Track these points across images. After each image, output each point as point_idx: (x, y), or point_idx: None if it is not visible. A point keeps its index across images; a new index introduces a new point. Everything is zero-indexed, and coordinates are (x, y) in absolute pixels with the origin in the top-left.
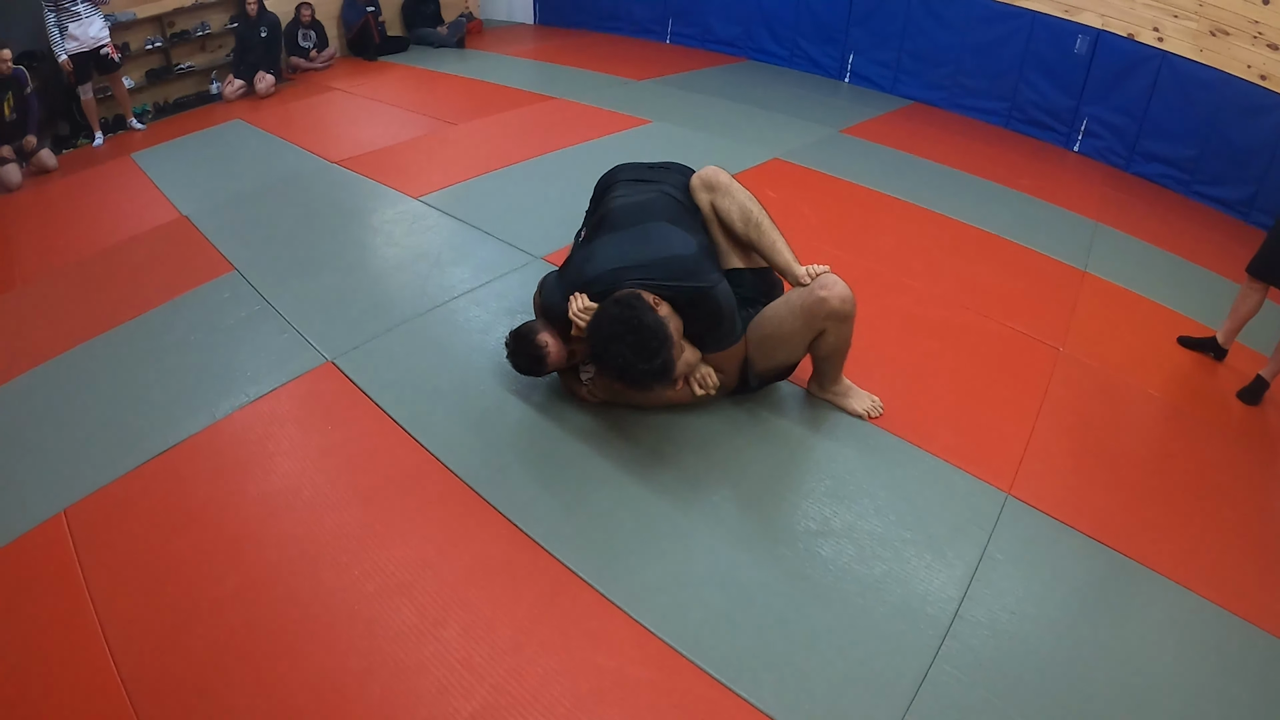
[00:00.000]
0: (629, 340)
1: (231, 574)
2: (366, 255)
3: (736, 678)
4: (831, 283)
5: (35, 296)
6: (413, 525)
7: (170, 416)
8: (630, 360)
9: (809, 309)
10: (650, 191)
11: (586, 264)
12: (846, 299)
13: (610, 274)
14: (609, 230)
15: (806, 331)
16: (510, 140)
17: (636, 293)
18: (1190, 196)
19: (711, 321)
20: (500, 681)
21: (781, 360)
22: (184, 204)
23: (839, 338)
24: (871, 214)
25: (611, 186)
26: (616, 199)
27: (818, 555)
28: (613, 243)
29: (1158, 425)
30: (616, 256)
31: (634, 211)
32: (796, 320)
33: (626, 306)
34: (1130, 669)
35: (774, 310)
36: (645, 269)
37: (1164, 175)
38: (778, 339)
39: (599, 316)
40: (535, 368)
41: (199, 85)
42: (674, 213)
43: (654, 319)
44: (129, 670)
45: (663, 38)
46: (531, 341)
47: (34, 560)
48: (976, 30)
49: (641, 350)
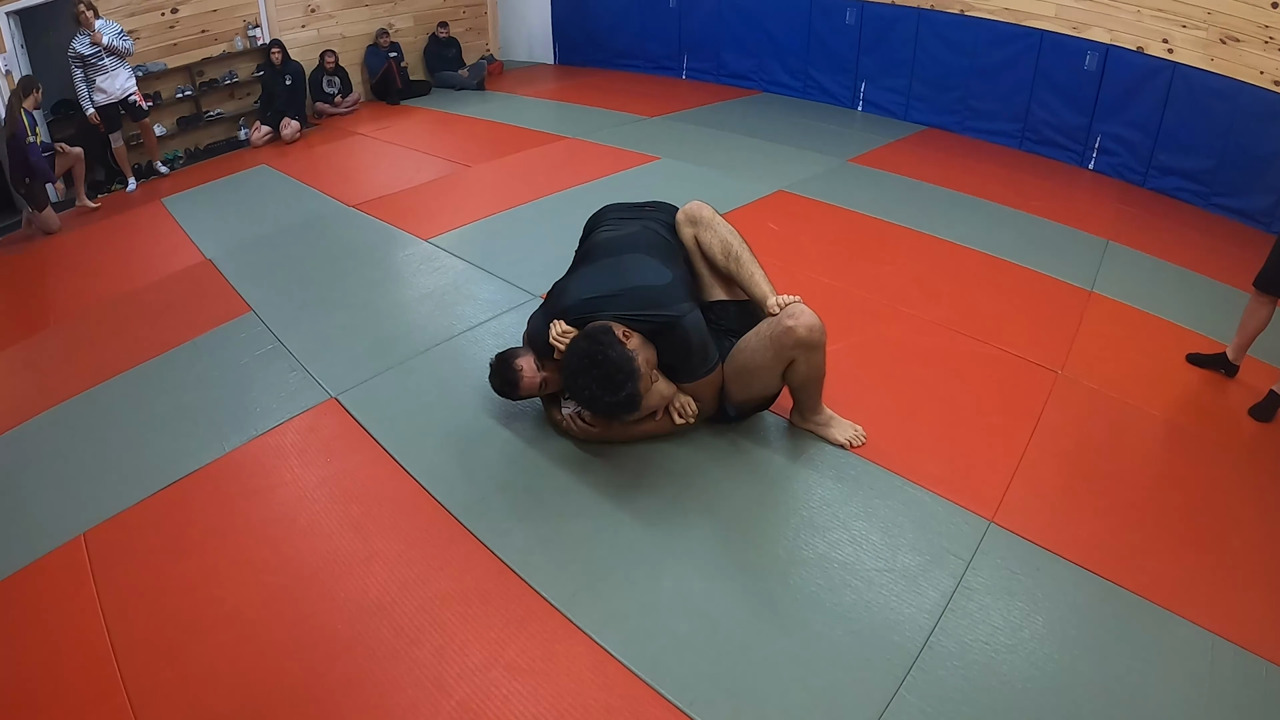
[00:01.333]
0: (595, 374)
1: (230, 596)
2: (375, 295)
3: (693, 702)
4: (798, 312)
5: (66, 335)
6: (397, 551)
7: (184, 449)
8: (596, 393)
9: (777, 338)
10: (634, 226)
11: (564, 294)
12: (813, 328)
13: (585, 303)
14: (589, 262)
15: (777, 362)
16: (520, 181)
17: (607, 325)
18: (1209, 209)
19: (681, 352)
20: (465, 699)
21: (758, 391)
22: (208, 247)
23: (810, 366)
24: (872, 243)
25: (599, 223)
26: (601, 233)
27: (787, 584)
28: (590, 274)
29: (1160, 447)
30: (591, 286)
31: (614, 244)
32: (766, 350)
33: (594, 341)
34: (1113, 700)
35: (746, 342)
36: (616, 299)
37: (1181, 189)
38: (751, 370)
39: (569, 350)
40: (507, 390)
41: (228, 131)
42: (653, 245)
43: (620, 353)
44: (132, 679)
45: (678, 73)
46: (509, 365)
47: (54, 579)
48: (986, 53)
49: (607, 383)
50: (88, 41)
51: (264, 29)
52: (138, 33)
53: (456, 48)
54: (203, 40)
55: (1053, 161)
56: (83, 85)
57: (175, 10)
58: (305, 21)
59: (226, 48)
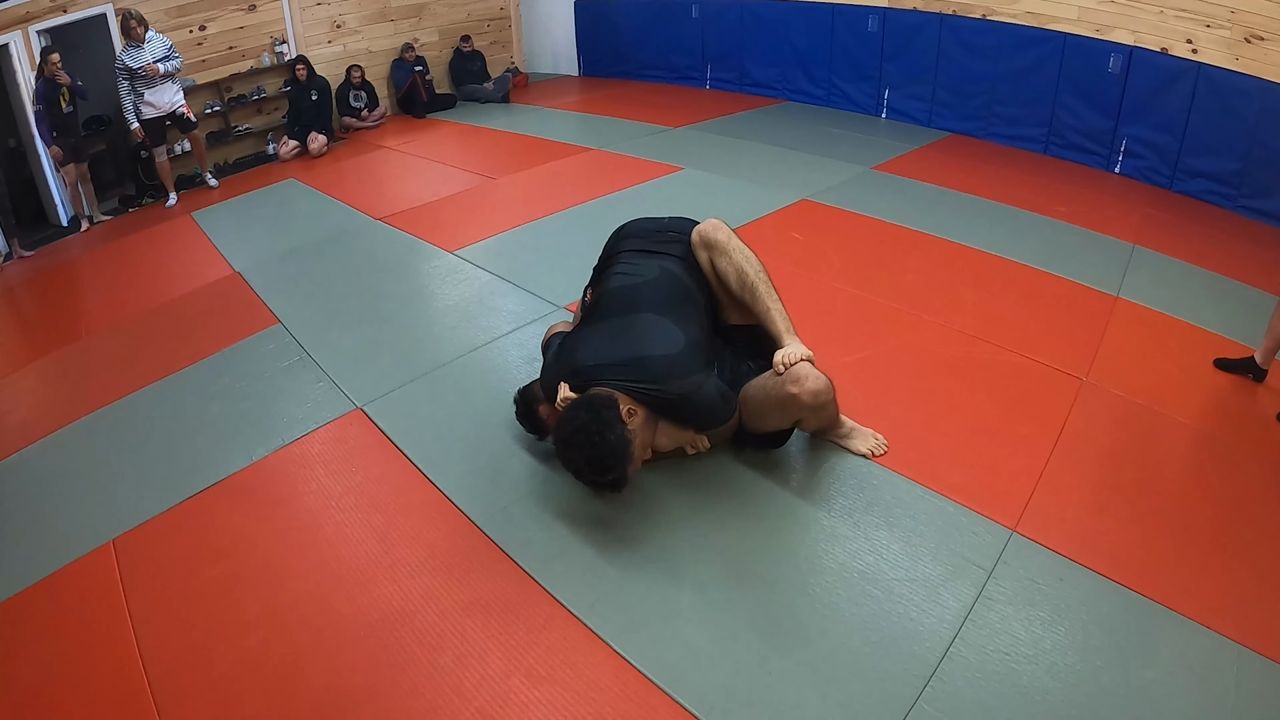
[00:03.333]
0: (586, 452)
1: (255, 602)
2: (401, 308)
3: (709, 712)
4: (801, 377)
5: (98, 346)
6: (420, 560)
7: (212, 458)
8: (583, 469)
9: (782, 402)
10: (651, 269)
11: (573, 354)
12: (818, 393)
13: (591, 369)
14: (600, 318)
15: (784, 419)
16: (545, 193)
17: (611, 399)
18: (1238, 211)
19: (697, 419)
20: (483, 706)
21: (772, 428)
22: (237, 260)
23: (820, 421)
24: (896, 251)
25: (615, 255)
26: (615, 275)
27: (806, 594)
28: (599, 333)
29: (1187, 454)
30: (599, 352)
31: (626, 297)
32: (773, 407)
33: (595, 418)
34: (1136, 713)
35: (753, 392)
36: (624, 369)
37: (1209, 191)
38: (760, 415)
39: (566, 414)
40: (534, 432)
41: (256, 146)
42: (667, 299)
43: (615, 436)
44: (158, 683)
45: (702, 84)
46: (533, 412)
47: (84, 584)
48: (1009, 58)
49: (596, 465)
50: (138, 55)
51: (291, 45)
52: None
53: (481, 61)
54: (231, 56)
55: (1078, 166)
56: (129, 99)
57: (204, 28)
58: (331, 37)
59: (254, 64)
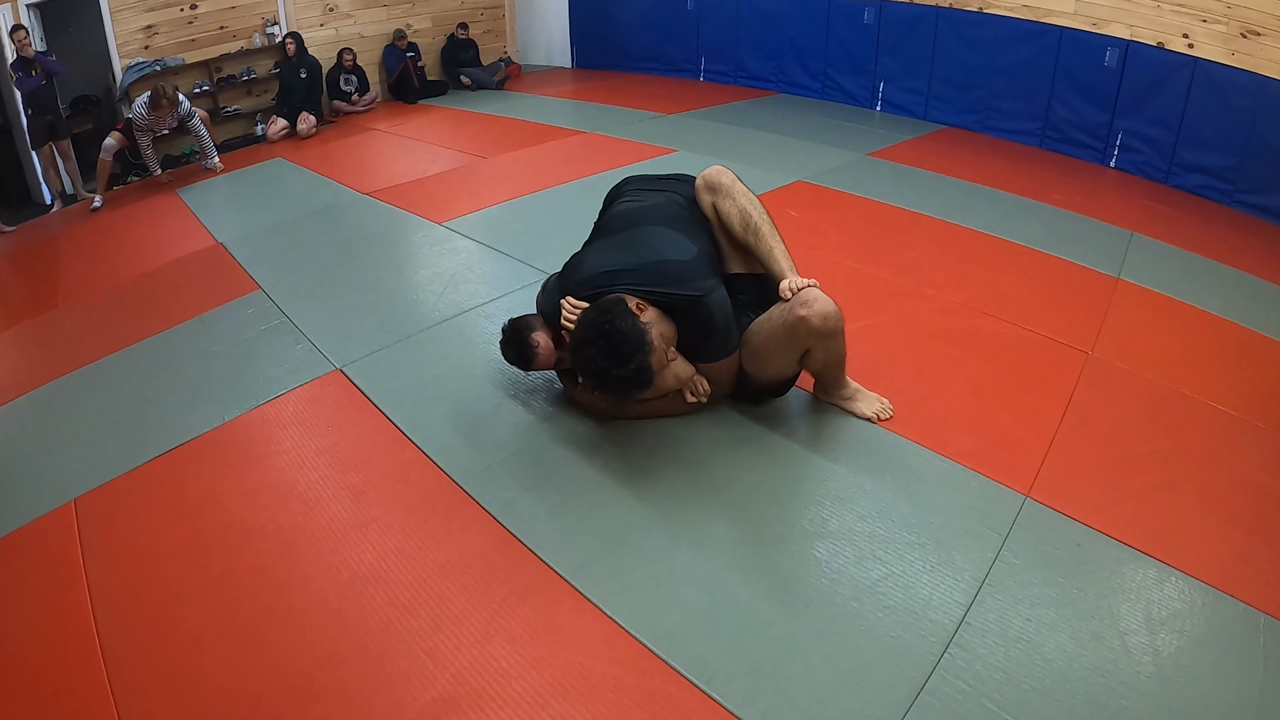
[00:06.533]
0: (600, 345)
1: (218, 562)
2: (386, 275)
3: (709, 679)
4: (811, 299)
5: (76, 314)
6: (396, 519)
7: (184, 418)
8: (602, 365)
9: (790, 327)
10: (656, 197)
11: (579, 267)
12: (828, 315)
13: (600, 276)
14: (605, 235)
15: (792, 350)
16: (538, 170)
17: (619, 298)
18: (1233, 206)
19: (703, 332)
20: (462, 672)
21: (774, 374)
22: (220, 233)
23: (828, 353)
24: (894, 230)
25: (619, 195)
26: (621, 204)
27: (812, 558)
28: (606, 247)
29: (1200, 428)
30: (607, 261)
31: (633, 216)
32: (780, 337)
33: (603, 312)
34: (1164, 679)
35: (759, 326)
36: (634, 273)
37: (1205, 186)
38: (765, 354)
39: (579, 321)
40: (521, 363)
41: (245, 128)
42: (675, 218)
43: (629, 324)
44: (111, 645)
45: (696, 75)
46: (524, 339)
47: (41, 544)
48: (1005, 51)
49: (613, 355)
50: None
51: (283, 26)
52: (156, 27)
53: (474, 49)
54: (221, 36)
55: (1075, 160)
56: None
57: (194, 6)
58: (324, 20)
59: (245, 44)
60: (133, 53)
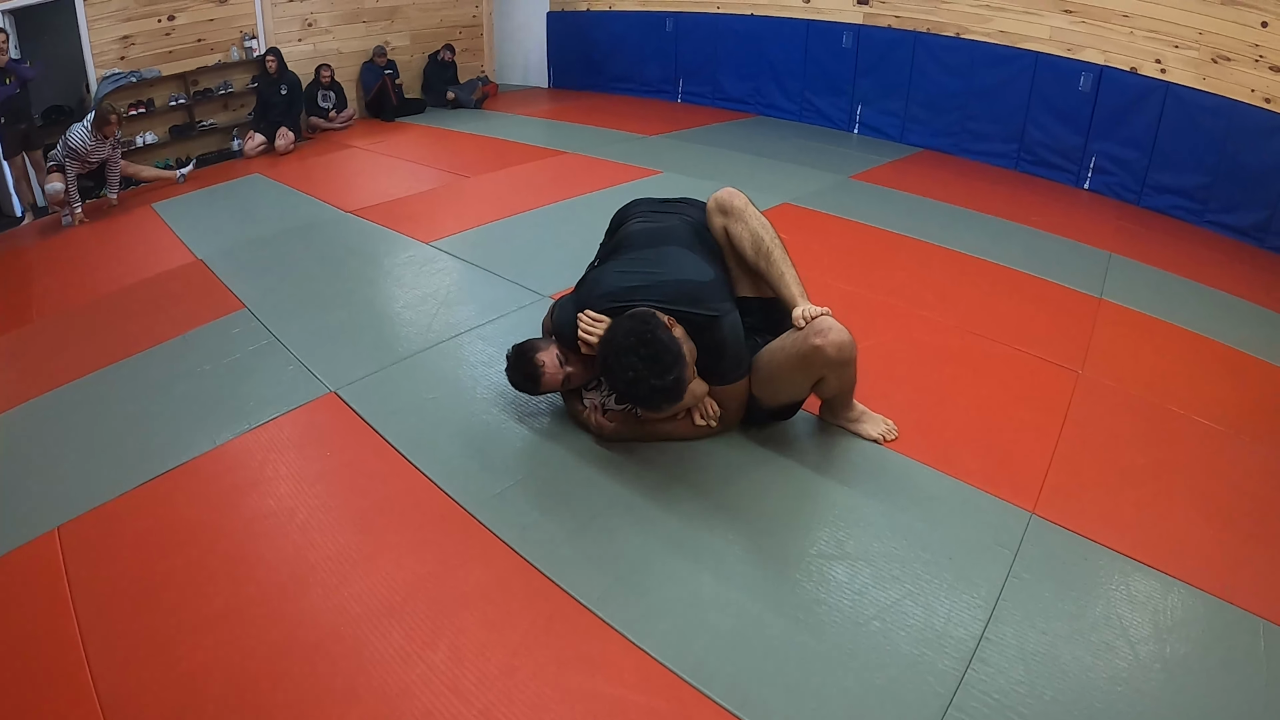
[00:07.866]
0: (642, 353)
1: (219, 595)
2: (375, 295)
3: (744, 704)
4: (826, 328)
5: (50, 330)
6: (407, 549)
7: (172, 442)
8: (642, 374)
9: (805, 356)
10: (669, 219)
11: (599, 283)
12: (843, 346)
13: (624, 292)
14: (625, 251)
15: (804, 378)
16: (522, 191)
17: (651, 311)
18: (1204, 226)
19: (716, 353)
20: (488, 707)
21: (785, 398)
22: (200, 249)
23: (841, 381)
24: (883, 252)
25: (629, 217)
26: (634, 224)
27: (832, 578)
28: (627, 263)
29: (1194, 441)
30: (631, 276)
31: (652, 235)
32: (793, 365)
33: (642, 321)
34: (1175, 685)
35: (772, 353)
36: (658, 290)
37: (1176, 207)
38: (777, 381)
39: (612, 329)
40: (527, 385)
41: (221, 142)
42: (691, 240)
43: (669, 336)
44: (106, 688)
45: (674, 97)
46: (529, 360)
47: (23, 575)
48: (981, 75)
49: (654, 364)
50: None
51: (261, 40)
52: (133, 38)
53: (453, 69)
54: (198, 49)
55: (1049, 182)
56: (75, 178)
57: (172, 18)
58: (302, 35)
59: (222, 58)
60: (109, 63)
